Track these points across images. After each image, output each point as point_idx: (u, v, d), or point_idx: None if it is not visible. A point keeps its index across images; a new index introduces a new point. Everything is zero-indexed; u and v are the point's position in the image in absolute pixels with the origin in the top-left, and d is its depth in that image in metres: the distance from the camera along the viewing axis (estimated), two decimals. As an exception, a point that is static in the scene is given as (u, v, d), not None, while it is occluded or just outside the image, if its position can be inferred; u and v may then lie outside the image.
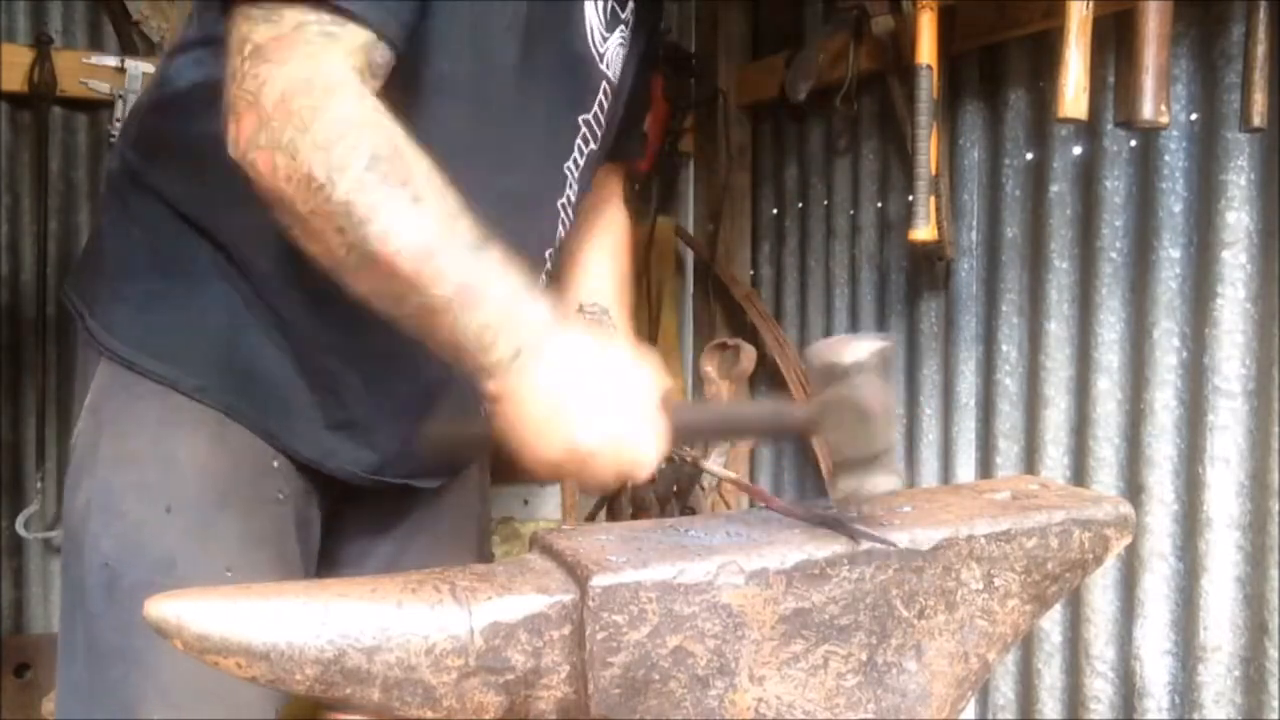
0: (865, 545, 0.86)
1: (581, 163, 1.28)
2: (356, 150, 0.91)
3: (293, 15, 0.93)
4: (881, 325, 2.50)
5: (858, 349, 0.88)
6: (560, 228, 1.28)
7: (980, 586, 0.91)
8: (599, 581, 0.78)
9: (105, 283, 1.20)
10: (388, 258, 0.90)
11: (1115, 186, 1.93)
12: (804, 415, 0.95)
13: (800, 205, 2.78)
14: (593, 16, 1.21)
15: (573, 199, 1.29)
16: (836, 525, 0.88)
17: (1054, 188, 2.04)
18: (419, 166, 0.93)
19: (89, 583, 1.14)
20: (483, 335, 0.91)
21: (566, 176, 1.27)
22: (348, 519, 1.31)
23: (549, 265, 1.29)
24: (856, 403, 0.86)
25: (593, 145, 1.29)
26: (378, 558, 1.34)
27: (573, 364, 0.92)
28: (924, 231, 2.05)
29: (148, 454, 1.15)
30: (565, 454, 0.91)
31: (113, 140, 2.62)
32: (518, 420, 0.92)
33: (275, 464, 1.19)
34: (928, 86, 1.99)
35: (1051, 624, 2.07)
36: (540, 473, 0.93)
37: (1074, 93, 1.62)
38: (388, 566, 1.31)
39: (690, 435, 0.97)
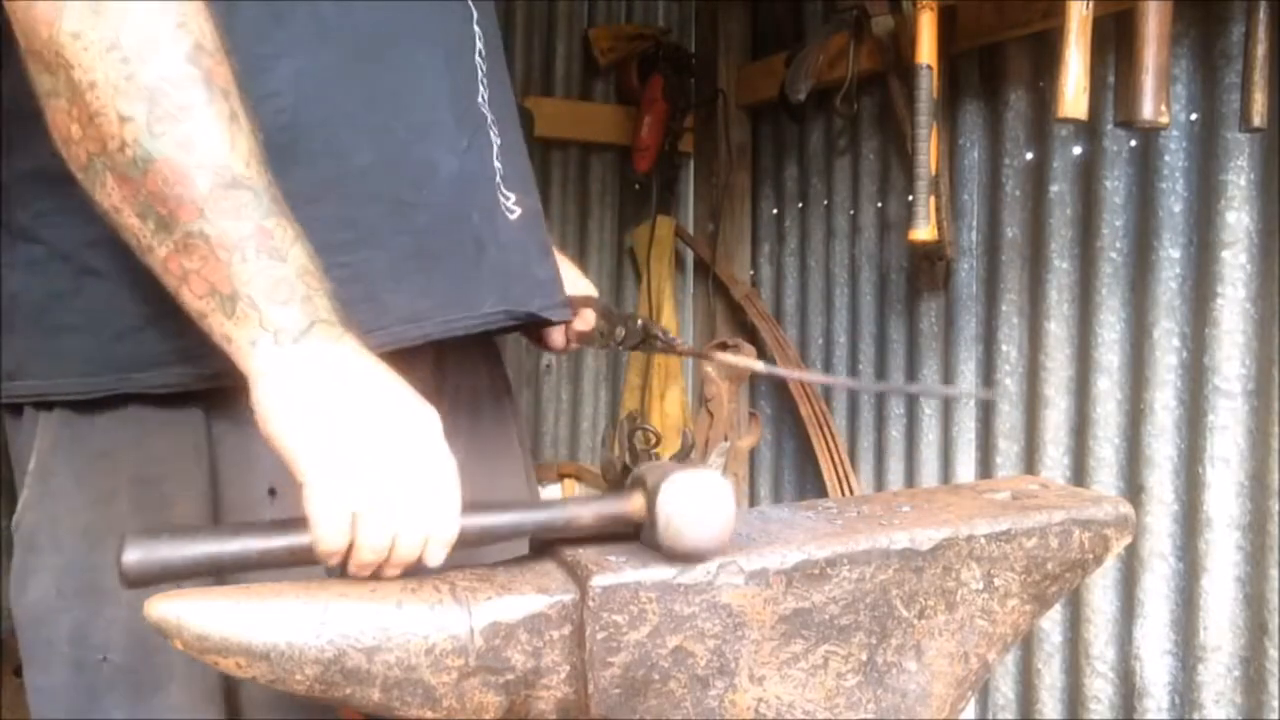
0: (865, 545, 0.86)
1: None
2: (179, 31, 0.76)
3: None
4: (881, 325, 2.51)
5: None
6: (480, 71, 1.09)
7: (980, 586, 0.91)
8: (599, 581, 0.78)
9: (17, 335, 0.96)
10: (182, 168, 0.75)
11: (1115, 186, 1.93)
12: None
13: (800, 205, 2.78)
14: None
15: (484, 50, 1.09)
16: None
17: (1054, 188, 2.04)
18: (235, 79, 0.79)
19: (87, 685, 0.95)
20: (276, 290, 0.76)
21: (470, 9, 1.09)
22: None
23: (489, 116, 1.08)
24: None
25: None
26: None
27: (368, 374, 0.78)
28: (924, 231, 2.05)
29: (130, 519, 0.94)
30: (342, 474, 0.75)
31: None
32: (286, 409, 0.76)
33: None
34: (928, 86, 1.99)
35: (1051, 624, 2.07)
36: (311, 485, 0.75)
37: (1074, 93, 1.62)
38: None
39: (478, 535, 0.81)
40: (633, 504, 0.83)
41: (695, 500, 0.79)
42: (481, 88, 1.07)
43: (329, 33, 0.94)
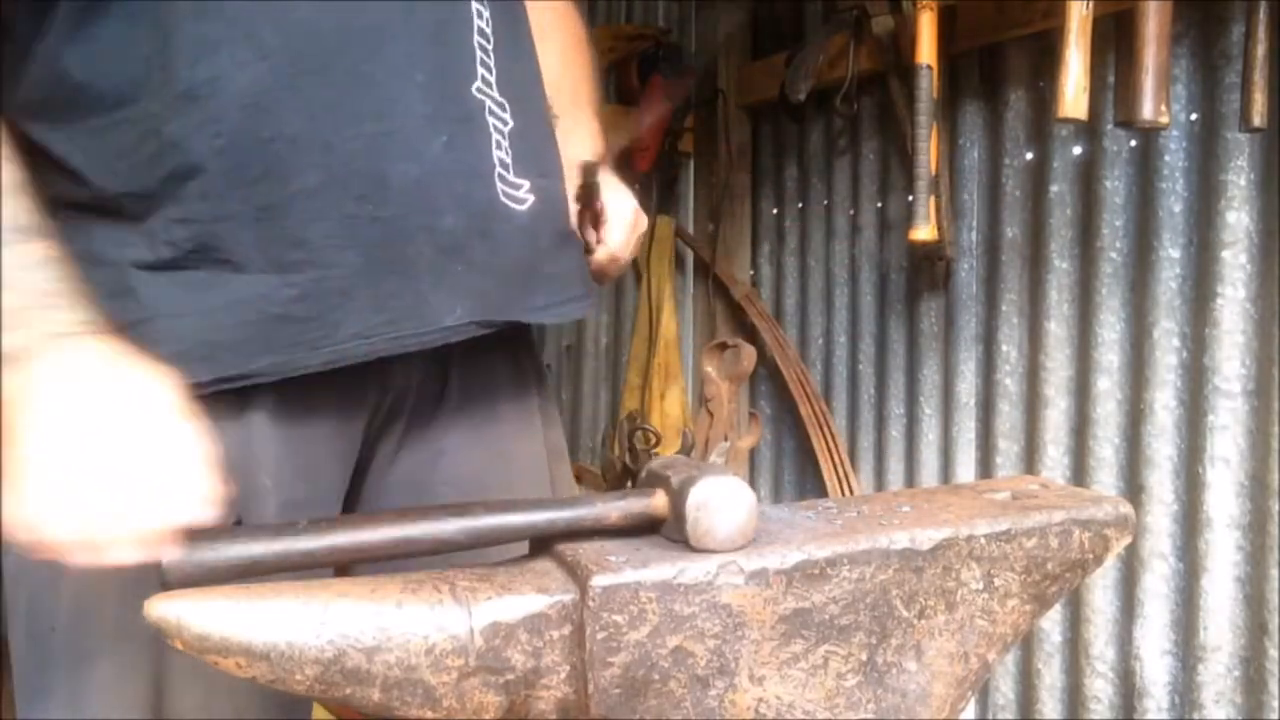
0: (865, 545, 0.86)
1: None
2: None
3: None
4: (881, 325, 2.51)
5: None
6: (480, 53, 1.05)
7: (980, 586, 0.91)
8: (599, 581, 0.78)
9: None
10: None
11: (1115, 186, 1.93)
12: None
13: (800, 205, 2.78)
14: None
15: (488, 30, 1.06)
16: None
17: (1054, 188, 2.04)
18: None
19: (39, 657, 0.99)
20: (9, 320, 0.81)
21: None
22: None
23: (491, 100, 1.06)
24: None
25: None
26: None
27: (88, 380, 0.80)
28: (924, 231, 2.05)
29: None
30: (44, 479, 0.76)
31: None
32: (6, 432, 0.77)
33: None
34: (928, 86, 1.99)
35: (1051, 624, 2.07)
36: (19, 512, 0.76)
37: (1074, 93, 1.62)
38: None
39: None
40: (656, 502, 0.86)
41: (723, 502, 0.83)
42: (482, 70, 1.04)
43: (268, 53, 0.94)
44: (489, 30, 1.06)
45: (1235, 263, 1.74)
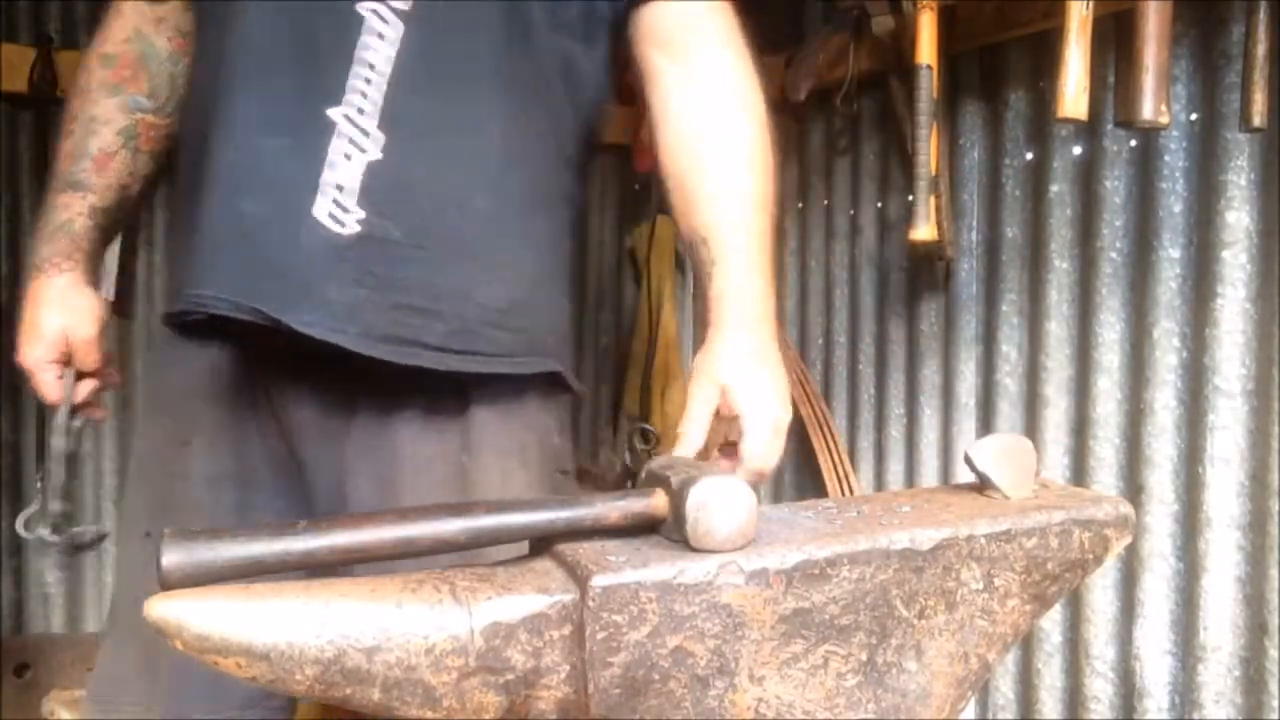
0: (865, 545, 0.86)
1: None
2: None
3: None
4: (881, 325, 2.51)
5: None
6: (358, 80, 1.08)
7: (980, 586, 0.91)
8: (599, 581, 0.78)
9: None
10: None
11: (1115, 186, 1.93)
12: None
13: (800, 205, 2.78)
14: None
15: (381, 61, 1.08)
16: None
17: (1054, 188, 2.04)
18: (77, 114, 1.35)
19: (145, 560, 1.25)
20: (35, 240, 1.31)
21: (362, 18, 1.08)
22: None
23: (353, 126, 1.08)
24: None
25: None
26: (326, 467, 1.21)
27: (39, 286, 1.28)
28: (924, 231, 2.05)
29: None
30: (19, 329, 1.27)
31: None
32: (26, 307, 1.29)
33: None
34: (928, 86, 1.99)
35: (1051, 624, 2.07)
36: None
37: (1074, 93, 1.62)
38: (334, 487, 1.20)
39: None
40: (656, 502, 0.86)
41: (723, 502, 0.83)
42: (353, 96, 1.08)
43: (223, 51, 1.15)
44: (383, 62, 1.08)
45: (1235, 263, 1.74)
